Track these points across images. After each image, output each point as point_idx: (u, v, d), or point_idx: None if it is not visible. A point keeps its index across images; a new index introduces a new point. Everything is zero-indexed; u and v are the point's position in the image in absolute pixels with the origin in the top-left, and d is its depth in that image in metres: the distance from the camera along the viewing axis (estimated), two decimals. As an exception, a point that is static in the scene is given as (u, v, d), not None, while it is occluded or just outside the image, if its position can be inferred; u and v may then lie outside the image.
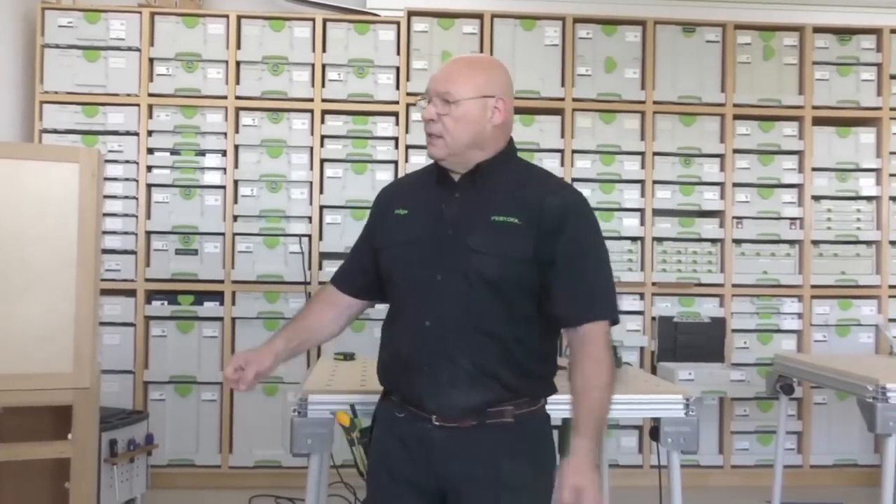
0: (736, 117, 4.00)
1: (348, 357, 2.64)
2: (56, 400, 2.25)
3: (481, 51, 3.90)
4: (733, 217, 3.98)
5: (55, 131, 3.75)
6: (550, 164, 3.90)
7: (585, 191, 3.85)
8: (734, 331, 3.96)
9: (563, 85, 3.94)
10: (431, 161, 1.67)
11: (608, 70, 3.97)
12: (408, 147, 3.89)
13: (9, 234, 2.15)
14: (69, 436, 2.27)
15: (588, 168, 3.94)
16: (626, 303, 3.91)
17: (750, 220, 4.00)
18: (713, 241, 3.99)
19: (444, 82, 1.61)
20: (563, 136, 3.93)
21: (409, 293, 1.63)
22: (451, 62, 1.67)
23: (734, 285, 3.97)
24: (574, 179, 3.90)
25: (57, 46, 3.76)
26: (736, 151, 4.00)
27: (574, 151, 3.93)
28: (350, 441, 1.76)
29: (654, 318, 3.91)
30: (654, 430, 2.10)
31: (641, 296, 3.93)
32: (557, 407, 1.64)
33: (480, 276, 1.55)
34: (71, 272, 2.24)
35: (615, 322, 1.60)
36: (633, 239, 3.96)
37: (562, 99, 3.93)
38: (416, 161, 3.84)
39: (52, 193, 2.21)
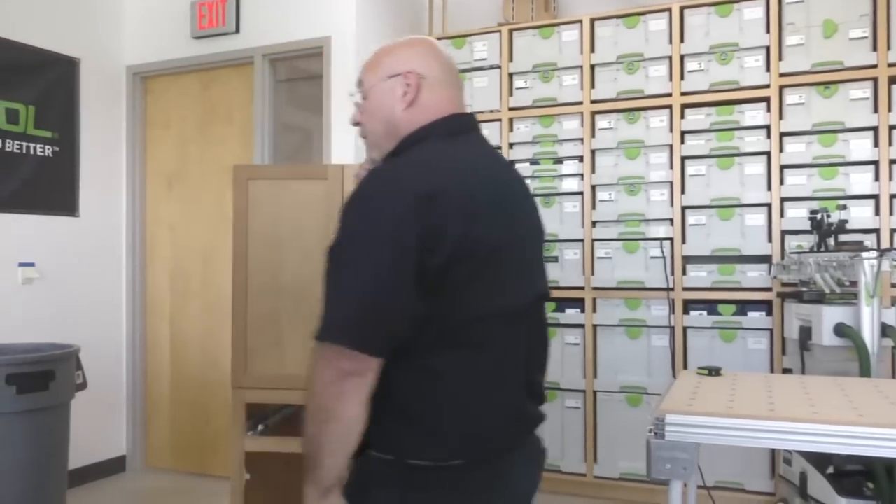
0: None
1: (713, 372, 2.18)
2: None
3: (875, 19, 3.29)
4: None
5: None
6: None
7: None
8: None
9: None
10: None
11: None
12: (782, 135, 3.43)
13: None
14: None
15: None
16: None
17: None
18: None
19: (360, 74, 1.38)
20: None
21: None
22: None
23: None
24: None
25: (430, 74, 4.10)
26: None
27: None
28: None
29: None
30: None
31: None
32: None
33: None
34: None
35: (348, 343, 1.13)
36: None
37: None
38: (791, 150, 3.39)
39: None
